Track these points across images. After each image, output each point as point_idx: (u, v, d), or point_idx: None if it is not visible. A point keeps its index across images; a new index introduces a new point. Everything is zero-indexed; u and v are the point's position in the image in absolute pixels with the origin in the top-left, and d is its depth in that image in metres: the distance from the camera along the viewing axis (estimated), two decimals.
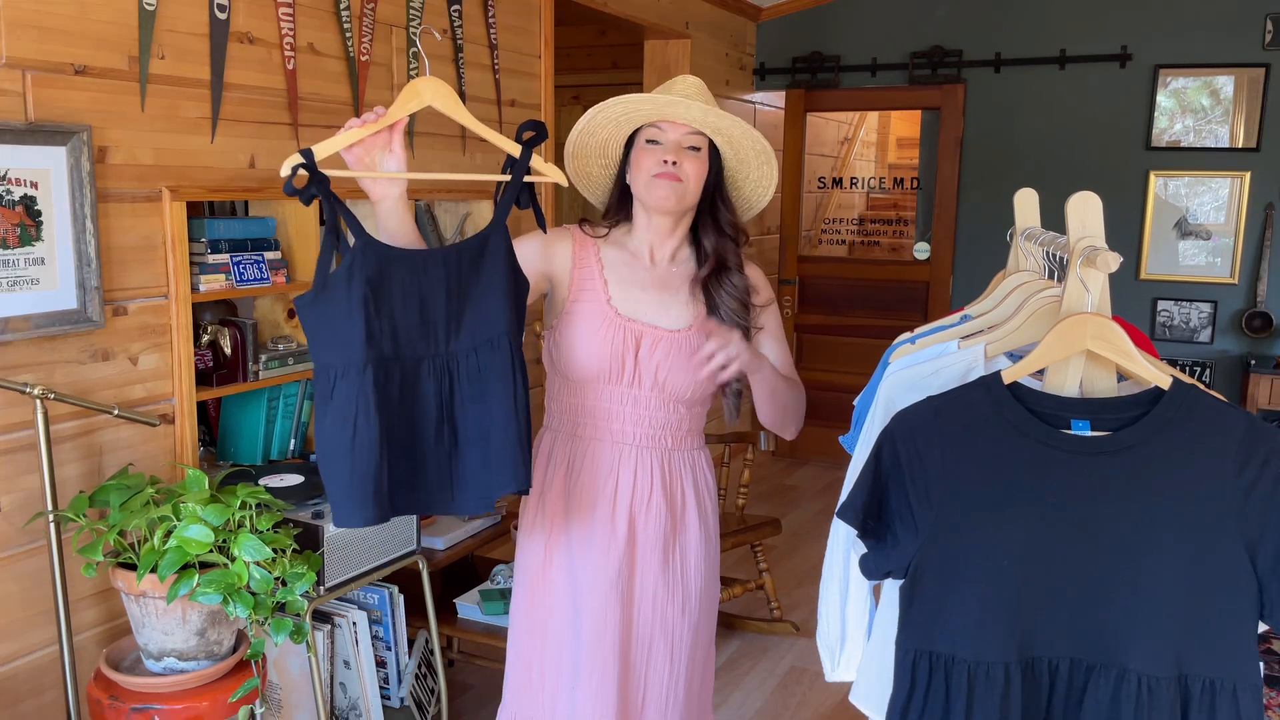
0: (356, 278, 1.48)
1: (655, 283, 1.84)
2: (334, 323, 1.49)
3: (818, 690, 3.28)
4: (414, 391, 1.56)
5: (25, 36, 2.02)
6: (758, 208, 1.96)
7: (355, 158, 1.54)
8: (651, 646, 1.84)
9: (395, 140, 1.55)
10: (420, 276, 1.54)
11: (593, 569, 1.81)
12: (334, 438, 1.50)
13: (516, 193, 1.63)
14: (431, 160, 3.16)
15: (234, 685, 2.02)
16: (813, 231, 6.01)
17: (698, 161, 1.79)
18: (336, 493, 1.51)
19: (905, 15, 5.33)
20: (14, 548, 2.08)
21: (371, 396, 1.49)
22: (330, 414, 1.50)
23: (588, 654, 1.81)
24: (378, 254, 1.51)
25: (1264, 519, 1.24)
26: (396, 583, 2.69)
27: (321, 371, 1.51)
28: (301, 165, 1.46)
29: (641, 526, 1.82)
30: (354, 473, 1.49)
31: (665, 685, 1.85)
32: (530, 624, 1.88)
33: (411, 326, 1.55)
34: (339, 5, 2.77)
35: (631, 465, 1.82)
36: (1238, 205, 4.81)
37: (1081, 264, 1.33)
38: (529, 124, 1.63)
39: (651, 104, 1.76)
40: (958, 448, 1.33)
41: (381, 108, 1.54)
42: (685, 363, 1.79)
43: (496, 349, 1.60)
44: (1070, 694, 1.32)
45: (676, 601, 1.85)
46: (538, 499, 1.88)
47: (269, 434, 2.72)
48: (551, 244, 1.84)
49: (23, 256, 2.03)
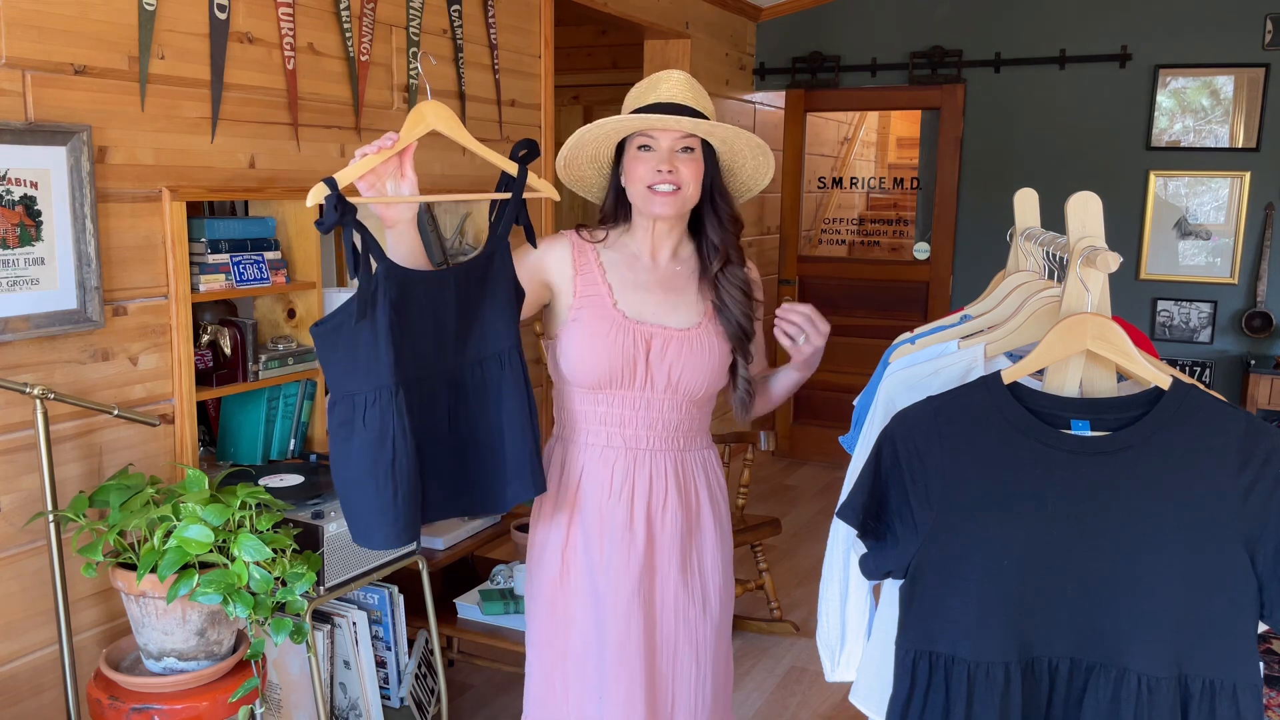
0: (382, 303, 1.50)
1: (659, 283, 1.82)
2: (360, 349, 1.50)
3: (818, 690, 3.28)
4: (430, 407, 1.59)
5: (25, 36, 2.02)
6: (756, 190, 1.92)
7: (367, 184, 1.55)
8: (677, 651, 1.82)
9: (406, 165, 1.57)
10: (435, 297, 1.58)
11: (613, 578, 1.79)
12: (371, 463, 1.50)
13: (516, 210, 1.68)
14: (431, 161, 3.16)
15: (234, 685, 2.02)
16: (813, 231, 6.01)
17: (693, 163, 1.75)
18: (373, 517, 1.53)
19: (905, 15, 5.33)
20: (14, 548, 2.08)
21: (406, 419, 1.52)
22: (360, 440, 1.51)
23: (613, 664, 1.78)
24: (399, 278, 1.53)
25: (1264, 518, 1.24)
26: (396, 583, 2.69)
27: (344, 399, 1.51)
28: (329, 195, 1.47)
29: (659, 530, 1.80)
30: (398, 496, 1.52)
31: (693, 688, 1.84)
32: (550, 635, 1.85)
33: (428, 346, 1.58)
34: (339, 5, 2.77)
35: (647, 470, 1.80)
36: (1238, 205, 4.81)
37: (1081, 264, 1.33)
38: (522, 143, 1.67)
39: (640, 121, 1.72)
40: (958, 448, 1.33)
41: (393, 134, 1.55)
42: (697, 361, 1.78)
43: (506, 363, 1.65)
44: (1070, 694, 1.32)
45: (697, 603, 1.83)
46: (552, 509, 1.85)
47: (269, 434, 2.72)
48: (549, 253, 1.82)
49: (23, 256, 2.03)
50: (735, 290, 1.81)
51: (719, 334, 1.81)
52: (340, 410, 1.52)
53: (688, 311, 1.81)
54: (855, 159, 6.76)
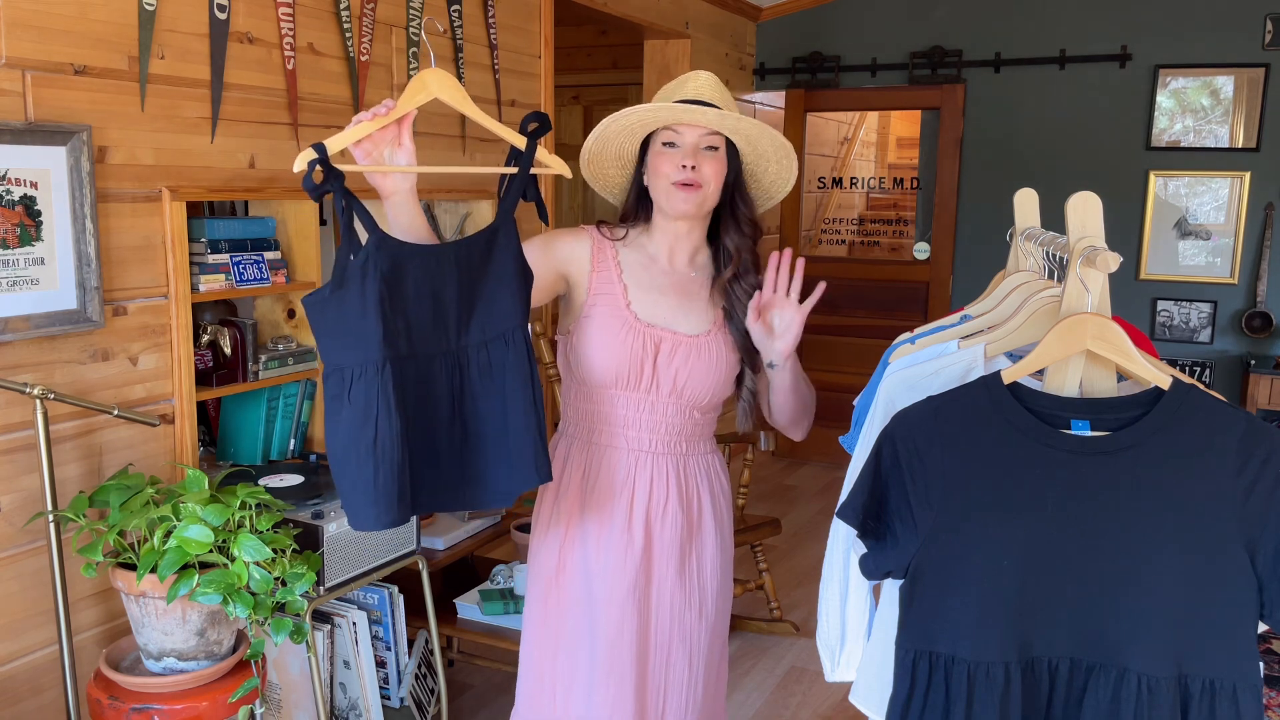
0: (371, 275, 1.44)
1: (674, 287, 1.80)
2: (348, 322, 1.46)
3: (818, 690, 3.28)
4: (428, 389, 1.53)
5: (25, 36, 2.02)
6: (778, 198, 1.90)
7: (364, 153, 1.51)
8: (670, 654, 1.82)
9: (405, 134, 1.53)
10: (433, 272, 1.52)
11: (609, 578, 1.78)
12: (354, 440, 1.46)
13: (524, 185, 1.62)
14: (432, 160, 3.16)
15: (234, 685, 2.02)
16: (813, 231, 6.01)
17: (716, 162, 1.74)
18: (356, 496, 1.48)
19: (905, 15, 5.33)
20: (14, 548, 2.08)
21: (392, 396, 1.46)
22: (347, 416, 1.47)
23: (603, 663, 1.78)
24: (392, 250, 1.47)
25: (1264, 518, 1.24)
26: (396, 583, 2.69)
27: (334, 373, 1.48)
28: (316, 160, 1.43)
29: (658, 534, 1.80)
30: (378, 475, 1.46)
31: (685, 690, 1.84)
32: (544, 631, 1.85)
33: (425, 323, 1.52)
34: (339, 5, 2.77)
35: (648, 473, 1.79)
36: (1237, 205, 4.81)
37: (1081, 264, 1.33)
38: (533, 115, 1.61)
39: (668, 111, 1.72)
40: (957, 448, 1.33)
41: (390, 101, 1.51)
42: (704, 368, 1.76)
43: (511, 344, 1.59)
44: (1070, 694, 1.32)
45: (694, 607, 1.83)
46: (552, 504, 1.85)
47: (269, 434, 2.72)
48: (570, 245, 1.81)
49: (23, 256, 2.03)
50: (747, 299, 1.78)
51: (728, 343, 1.79)
52: (331, 384, 1.49)
53: (699, 318, 1.79)
54: (855, 159, 6.76)
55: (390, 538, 2.49)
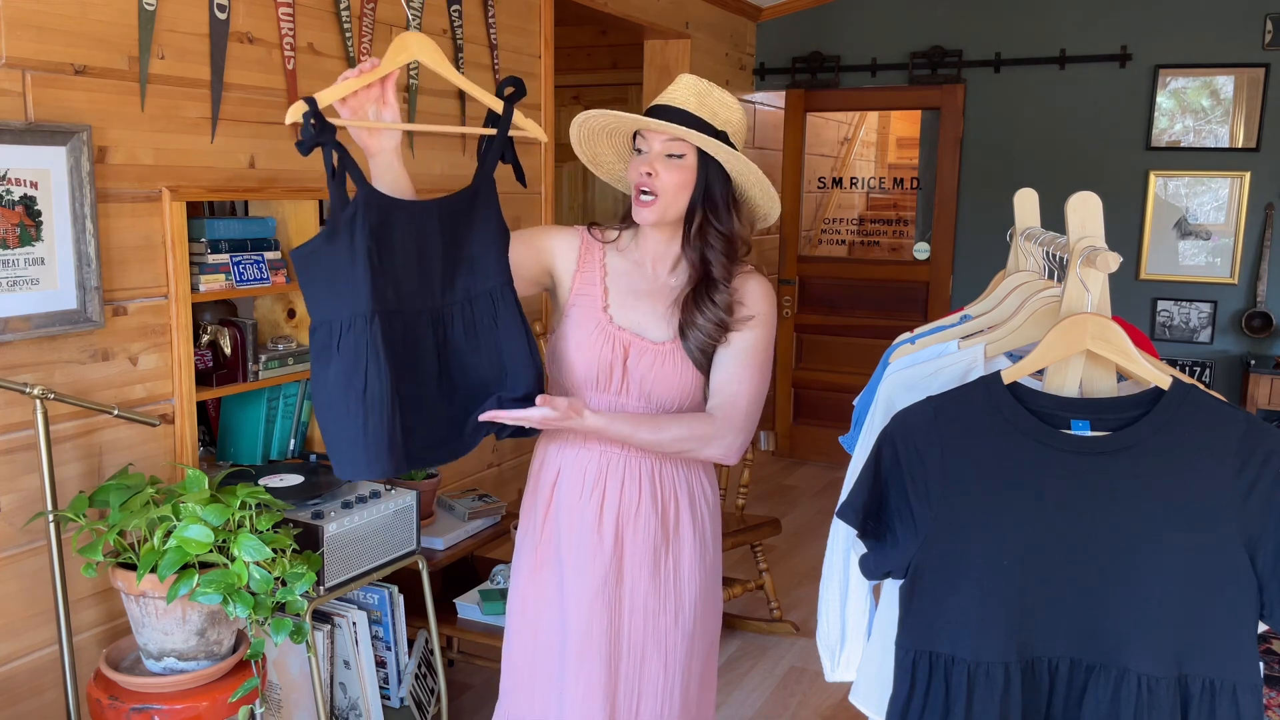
0: (360, 225, 1.47)
1: (652, 293, 1.80)
2: (337, 273, 1.48)
3: (818, 690, 3.28)
4: (415, 344, 1.56)
5: (25, 36, 2.02)
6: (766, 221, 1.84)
7: (350, 111, 1.53)
8: (644, 657, 1.82)
9: (389, 92, 1.56)
10: (419, 227, 1.55)
11: (579, 578, 1.79)
12: (343, 390, 1.48)
13: (502, 147, 1.67)
14: (432, 160, 3.16)
15: (234, 685, 2.02)
16: (812, 231, 6.01)
17: (679, 171, 1.69)
18: (345, 445, 1.50)
19: (905, 15, 5.33)
20: (14, 548, 2.08)
21: (381, 346, 1.49)
22: (336, 367, 1.48)
23: (574, 663, 1.80)
24: (380, 204, 1.50)
25: (1264, 518, 1.24)
26: (396, 583, 2.69)
27: (322, 326, 1.50)
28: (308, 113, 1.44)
29: (629, 536, 1.79)
30: (368, 423, 1.48)
31: (660, 695, 1.83)
32: (522, 627, 1.88)
33: (411, 278, 1.55)
34: (339, 5, 2.77)
35: (619, 474, 1.79)
36: (1237, 205, 4.81)
37: (1081, 264, 1.33)
38: (509, 80, 1.65)
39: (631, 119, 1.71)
40: (957, 447, 1.33)
41: (375, 59, 1.54)
42: (667, 375, 1.75)
43: (500, 300, 1.64)
44: (1070, 694, 1.32)
45: (669, 611, 1.82)
46: (530, 502, 1.89)
47: (269, 434, 2.72)
48: (558, 239, 1.83)
49: (23, 256, 2.03)
50: (701, 316, 1.72)
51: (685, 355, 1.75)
52: (319, 336, 1.51)
53: (666, 326, 1.77)
54: (855, 159, 6.76)
55: (390, 538, 2.49)
